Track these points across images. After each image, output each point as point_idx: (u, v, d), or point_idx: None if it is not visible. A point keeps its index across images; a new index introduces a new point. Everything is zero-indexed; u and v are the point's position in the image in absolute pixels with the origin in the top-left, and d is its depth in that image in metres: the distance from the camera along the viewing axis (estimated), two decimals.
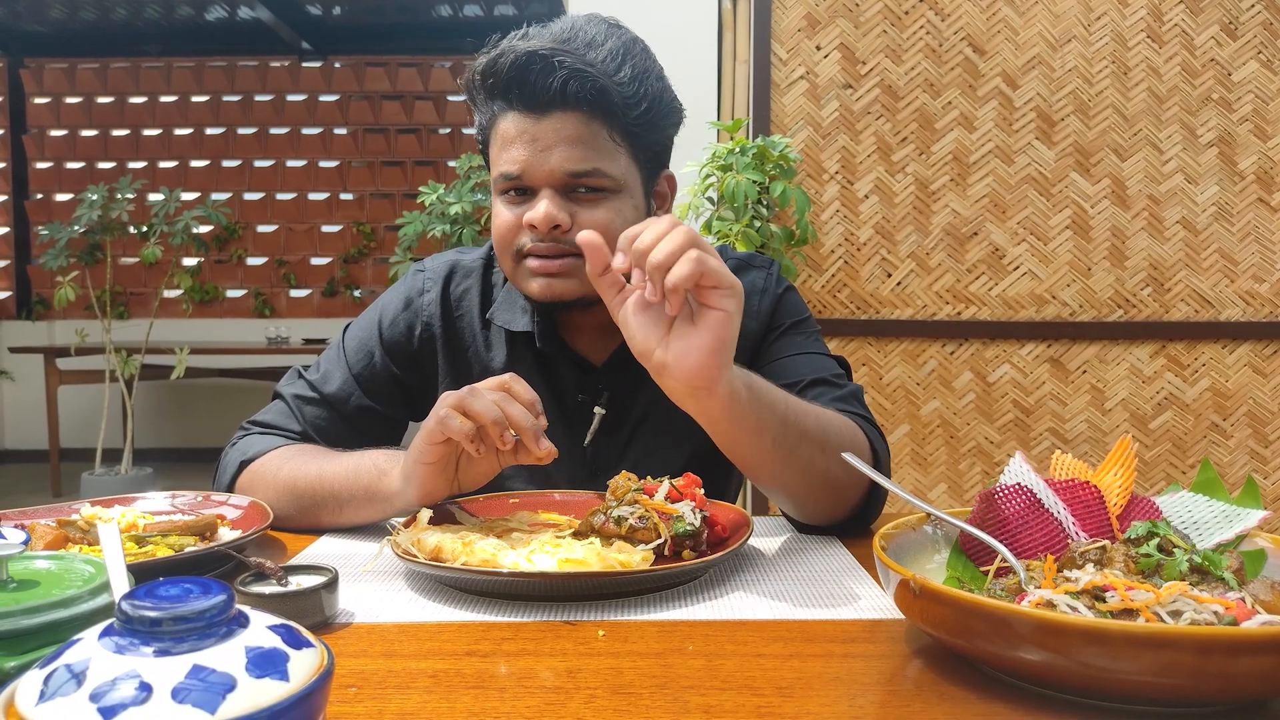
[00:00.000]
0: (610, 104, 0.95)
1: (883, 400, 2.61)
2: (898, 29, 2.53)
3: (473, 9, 6.07)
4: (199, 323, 6.19)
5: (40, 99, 6.45)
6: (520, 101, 0.95)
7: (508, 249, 1.00)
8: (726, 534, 0.84)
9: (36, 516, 0.87)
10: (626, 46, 0.98)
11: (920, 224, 2.57)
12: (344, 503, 0.93)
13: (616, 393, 1.07)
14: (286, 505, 0.96)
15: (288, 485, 0.96)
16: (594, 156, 0.96)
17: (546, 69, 0.93)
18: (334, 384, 1.09)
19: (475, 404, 0.80)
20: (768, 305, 1.10)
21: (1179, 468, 2.62)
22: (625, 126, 0.97)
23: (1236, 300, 2.58)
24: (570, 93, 0.93)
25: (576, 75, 0.93)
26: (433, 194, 2.94)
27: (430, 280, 1.12)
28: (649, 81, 0.98)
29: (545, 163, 0.95)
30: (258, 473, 1.00)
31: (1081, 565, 0.62)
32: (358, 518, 0.94)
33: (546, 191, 0.96)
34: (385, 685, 0.57)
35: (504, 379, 0.84)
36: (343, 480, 0.93)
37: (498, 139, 0.98)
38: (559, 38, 0.95)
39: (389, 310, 1.12)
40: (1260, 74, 2.54)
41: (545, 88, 0.93)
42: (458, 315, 1.11)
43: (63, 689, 0.38)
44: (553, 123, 0.95)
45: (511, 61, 0.93)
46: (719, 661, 0.61)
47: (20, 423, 6.15)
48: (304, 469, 0.96)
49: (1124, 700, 0.52)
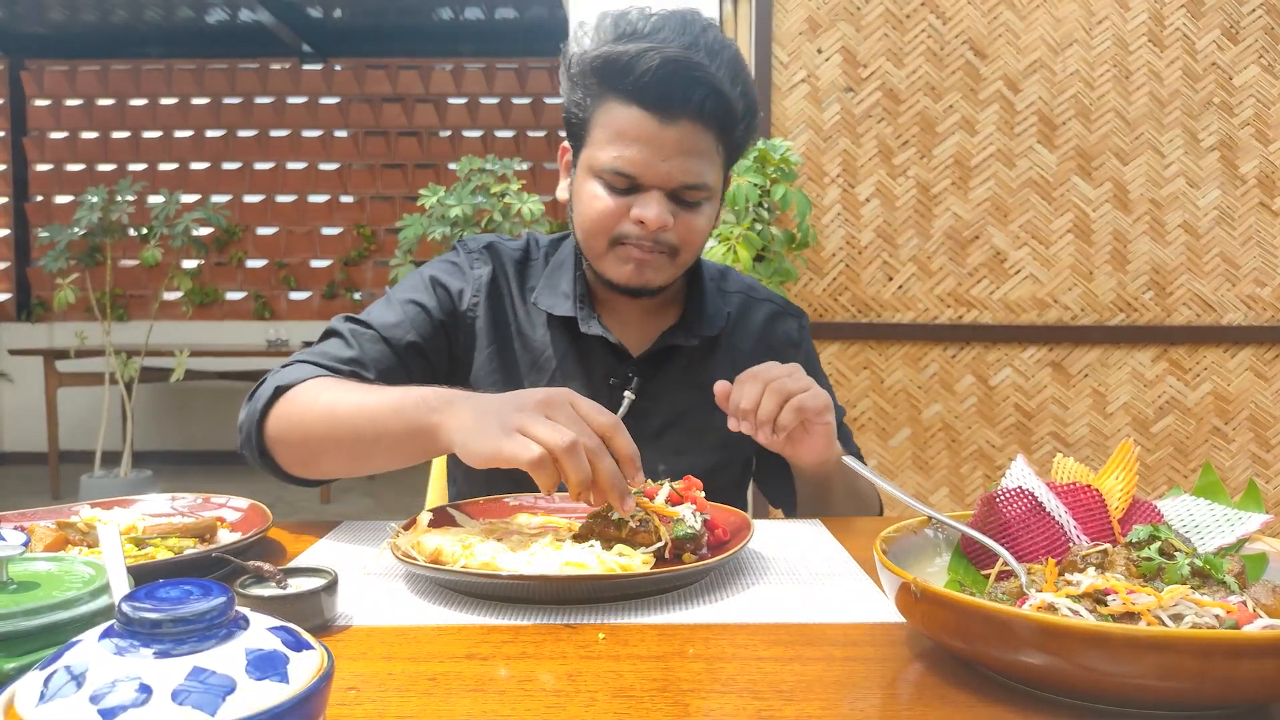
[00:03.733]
0: (728, 120, 0.99)
1: (884, 404, 2.60)
2: (899, 32, 2.54)
3: (474, 12, 6.08)
4: (199, 325, 6.19)
5: (41, 101, 6.45)
6: (651, 103, 0.96)
7: (605, 233, 1.02)
8: (727, 537, 0.84)
9: (36, 518, 0.87)
10: (735, 56, 1.00)
11: (921, 227, 2.57)
12: (381, 435, 0.86)
13: (649, 382, 1.09)
14: (321, 436, 0.91)
15: (325, 413, 0.91)
16: (705, 170, 1.00)
17: (689, 81, 0.95)
18: (387, 319, 1.06)
19: (569, 463, 0.72)
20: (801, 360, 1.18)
21: (1180, 471, 2.62)
22: (730, 140, 1.02)
23: (1238, 304, 2.58)
24: (705, 110, 0.96)
25: (713, 94, 0.96)
26: (433, 197, 2.94)
27: (479, 258, 1.14)
28: (751, 94, 1.03)
29: (662, 169, 0.98)
30: (294, 399, 0.94)
31: (1083, 569, 0.62)
32: (395, 457, 0.88)
33: (657, 194, 0.99)
34: (385, 688, 0.57)
35: (610, 424, 0.77)
36: (386, 411, 0.86)
37: (610, 127, 0.99)
38: (685, 44, 0.96)
39: (440, 273, 1.12)
40: (1261, 78, 2.54)
41: (683, 100, 0.96)
42: (502, 293, 1.13)
43: (63, 690, 0.38)
44: (678, 131, 0.97)
45: (654, 68, 0.94)
46: (719, 664, 0.61)
47: (20, 425, 6.15)
48: (344, 397, 0.91)
49: (1125, 704, 0.52)
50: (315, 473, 0.97)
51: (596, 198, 1.01)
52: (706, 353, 1.13)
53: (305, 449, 0.94)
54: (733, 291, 1.20)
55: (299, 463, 0.97)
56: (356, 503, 5.04)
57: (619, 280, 1.04)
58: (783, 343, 1.19)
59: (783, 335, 1.19)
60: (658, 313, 1.14)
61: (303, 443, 0.94)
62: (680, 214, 1.00)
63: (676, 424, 1.10)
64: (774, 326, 1.19)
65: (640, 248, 1.01)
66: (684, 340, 1.10)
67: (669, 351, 1.11)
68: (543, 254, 1.17)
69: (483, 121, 6.46)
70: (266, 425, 0.96)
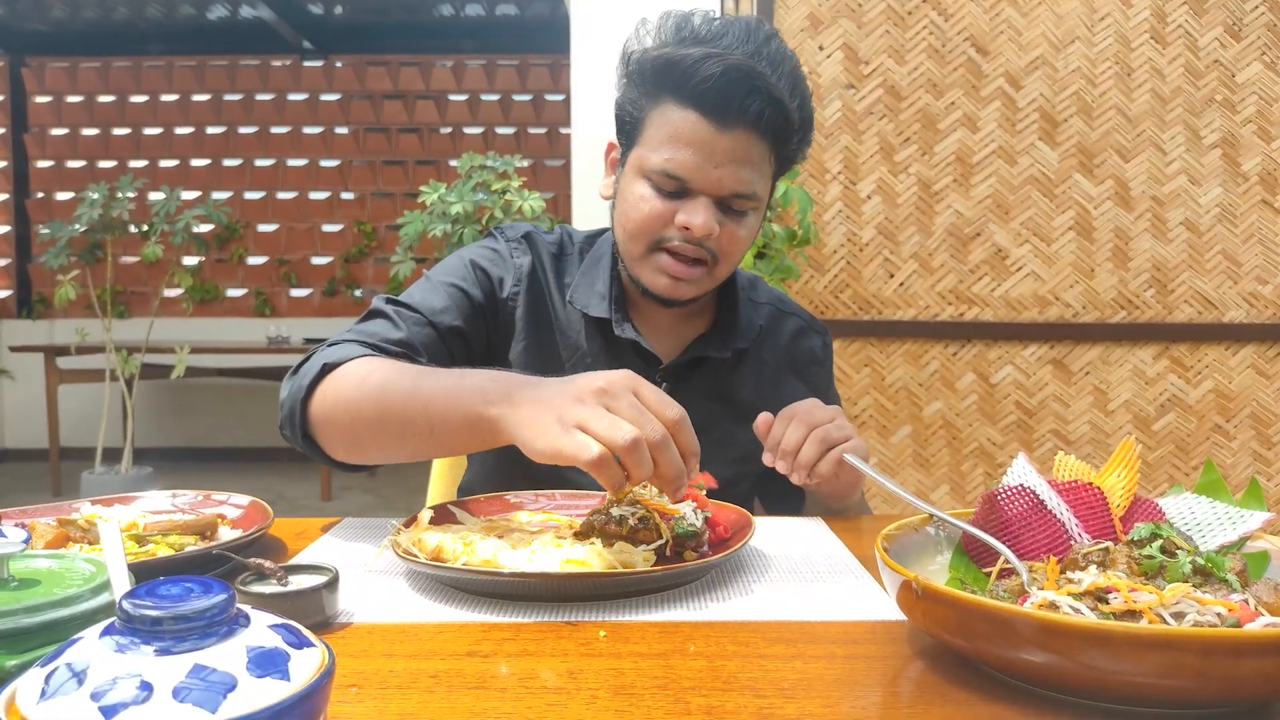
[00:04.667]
0: (784, 131, 0.99)
1: (885, 401, 2.60)
2: (900, 29, 2.53)
3: (474, 8, 6.07)
4: (199, 322, 6.19)
5: (41, 98, 6.45)
6: (709, 110, 0.95)
7: (648, 236, 1.01)
8: (728, 535, 0.84)
9: (37, 515, 0.87)
10: (796, 69, 0.99)
11: (923, 224, 2.57)
12: (436, 424, 0.82)
13: (676, 389, 1.09)
14: (370, 419, 0.86)
15: (376, 393, 0.86)
16: (755, 180, 0.99)
17: (750, 91, 0.94)
18: (432, 302, 1.04)
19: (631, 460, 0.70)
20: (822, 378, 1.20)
21: (1182, 469, 2.62)
22: (783, 152, 1.02)
23: (1240, 302, 2.58)
24: (762, 118, 0.95)
25: (772, 105, 0.95)
26: (434, 193, 2.94)
27: (519, 248, 1.12)
28: (808, 108, 1.02)
29: (714, 175, 0.97)
30: (343, 376, 0.90)
31: (1084, 567, 0.62)
32: (450, 446, 0.85)
33: (705, 200, 0.98)
34: (386, 685, 0.57)
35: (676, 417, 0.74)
36: (442, 399, 0.81)
37: (664, 128, 0.98)
38: (748, 52, 0.95)
39: (481, 258, 1.10)
40: (1264, 75, 2.54)
41: (742, 108, 0.95)
42: (541, 285, 1.12)
43: (63, 688, 0.38)
44: (733, 139, 0.96)
45: (717, 74, 0.93)
46: (721, 662, 0.61)
47: (20, 422, 6.15)
48: (397, 379, 0.86)
49: (1126, 702, 0.52)
50: (360, 457, 0.93)
51: (643, 199, 1.00)
52: (734, 364, 1.13)
53: (352, 432, 0.90)
54: (762, 303, 1.19)
55: (344, 446, 0.92)
56: (357, 500, 5.04)
57: (653, 289, 1.03)
58: (807, 359, 1.19)
59: (807, 352, 1.19)
60: (689, 320, 1.13)
61: (350, 425, 0.89)
62: (725, 223, 1.00)
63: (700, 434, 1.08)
64: (799, 342, 1.19)
65: (679, 258, 1.00)
66: (717, 352, 1.10)
67: (697, 360, 1.11)
68: (577, 249, 1.15)
69: (483, 118, 6.46)
70: (311, 404, 0.91)
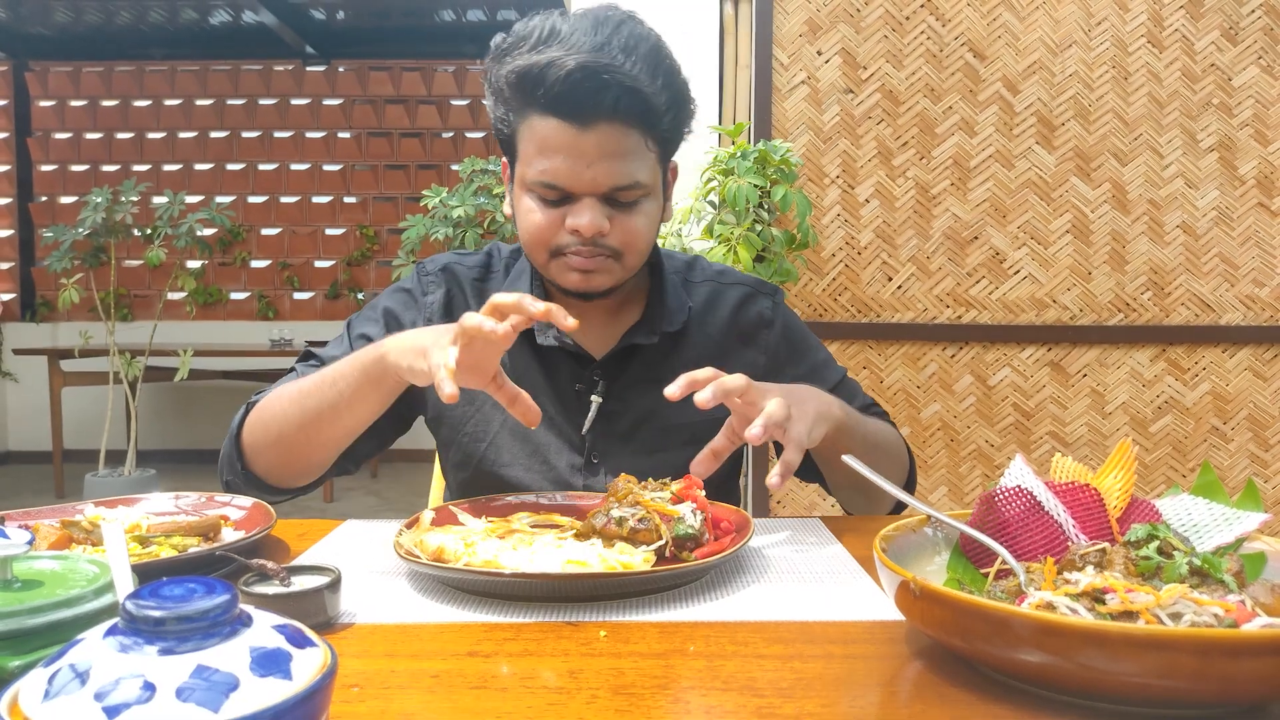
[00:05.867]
0: (650, 114, 0.97)
1: (883, 403, 2.60)
2: (898, 34, 2.54)
3: (476, 13, 6.08)
4: (202, 325, 6.20)
5: (45, 102, 6.46)
6: (565, 113, 0.94)
7: (544, 246, 1.01)
8: (727, 535, 0.84)
9: (41, 517, 0.87)
10: (654, 49, 0.97)
11: (921, 228, 2.57)
12: (343, 389, 0.93)
13: (614, 384, 1.09)
14: (293, 420, 0.97)
15: (293, 398, 0.97)
16: (634, 169, 0.98)
17: (597, 86, 0.92)
18: (336, 354, 1.07)
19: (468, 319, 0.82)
20: (775, 340, 1.17)
21: (1179, 471, 2.62)
22: (659, 134, 0.99)
23: (1237, 304, 2.58)
24: (620, 108, 0.94)
25: (627, 93, 0.93)
26: (436, 197, 2.95)
27: (433, 282, 1.14)
28: (676, 84, 1.00)
29: (588, 176, 0.96)
30: (264, 405, 1.01)
31: (1081, 568, 0.63)
32: (360, 403, 0.94)
33: (589, 200, 0.97)
34: (388, 685, 0.57)
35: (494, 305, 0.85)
36: (342, 367, 0.94)
37: (533, 140, 0.98)
38: (596, 45, 0.93)
39: (394, 304, 1.13)
40: (1260, 79, 2.54)
41: (595, 104, 0.93)
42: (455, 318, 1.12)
43: (67, 688, 0.38)
44: (596, 136, 0.95)
45: (563, 76, 0.92)
46: (720, 662, 0.61)
47: (24, 424, 6.15)
48: (307, 381, 0.98)
49: (1123, 702, 0.52)
50: (297, 467, 1.01)
51: (531, 211, 1.00)
52: (671, 349, 1.11)
53: (281, 440, 0.99)
54: (699, 282, 1.17)
55: (280, 460, 1.01)
56: (359, 501, 5.04)
57: (567, 287, 1.03)
58: (755, 324, 1.16)
59: (754, 317, 1.16)
60: (620, 313, 1.12)
61: (279, 435, 0.99)
62: (617, 217, 0.99)
63: (647, 422, 1.09)
64: (746, 309, 1.16)
65: (581, 254, 1.00)
66: (644, 339, 1.08)
67: (632, 351, 1.09)
68: (504, 264, 1.16)
69: (485, 123, 6.43)
70: (243, 438, 1.01)
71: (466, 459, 1.11)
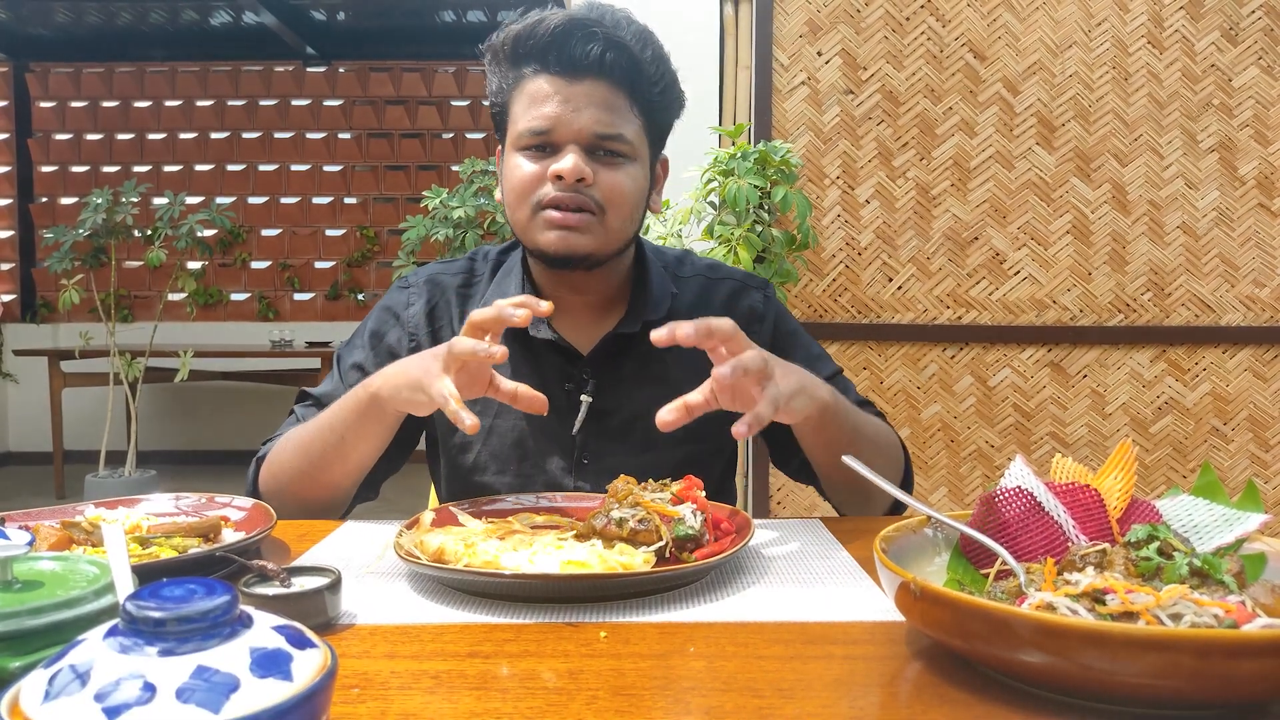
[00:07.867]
0: (637, 78, 1.02)
1: (883, 404, 2.60)
2: (899, 35, 2.54)
3: (476, 14, 6.08)
4: (203, 326, 6.20)
5: (45, 103, 6.47)
6: (556, 65, 1.00)
7: (527, 200, 1.02)
8: (727, 536, 0.84)
9: (41, 518, 0.87)
10: (644, 30, 1.04)
11: (921, 229, 2.57)
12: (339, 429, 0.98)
13: (604, 382, 1.08)
14: (301, 465, 1.01)
15: (297, 446, 1.02)
16: (619, 122, 1.01)
17: (586, 37, 0.99)
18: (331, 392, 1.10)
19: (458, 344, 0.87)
20: (767, 334, 1.16)
21: (1179, 472, 2.62)
22: (645, 101, 1.04)
23: (1237, 305, 2.58)
24: (606, 62, 0.99)
25: (614, 46, 0.99)
26: (436, 198, 2.95)
27: (414, 294, 1.15)
28: (666, 65, 1.05)
29: (575, 121, 1.00)
30: (271, 460, 1.05)
31: (1081, 568, 0.63)
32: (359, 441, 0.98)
33: (573, 147, 1.00)
34: (388, 686, 0.58)
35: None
36: (338, 407, 0.99)
37: (524, 98, 1.02)
38: (584, 10, 1.01)
39: (380, 325, 1.15)
40: (1260, 79, 2.54)
41: (584, 54, 0.99)
42: (439, 327, 1.13)
43: (67, 689, 0.38)
44: (585, 87, 1.00)
45: (552, 27, 0.99)
46: (720, 663, 0.61)
47: (24, 425, 6.16)
48: (305, 427, 1.04)
49: (1124, 703, 0.52)
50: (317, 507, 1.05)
51: (518, 167, 1.03)
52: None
53: (295, 487, 1.03)
54: (689, 276, 1.17)
55: (300, 508, 1.04)
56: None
57: (547, 248, 1.01)
58: (746, 318, 1.13)
59: (745, 311, 1.15)
60: (607, 310, 1.12)
61: (291, 482, 1.03)
62: (600, 170, 1.01)
63: (639, 420, 1.07)
64: (737, 303, 1.15)
65: (563, 206, 1.00)
66: (627, 328, 1.07)
67: (621, 347, 1.08)
68: (490, 266, 1.16)
69: (485, 123, 6.46)
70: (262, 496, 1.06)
71: (455, 469, 1.12)
